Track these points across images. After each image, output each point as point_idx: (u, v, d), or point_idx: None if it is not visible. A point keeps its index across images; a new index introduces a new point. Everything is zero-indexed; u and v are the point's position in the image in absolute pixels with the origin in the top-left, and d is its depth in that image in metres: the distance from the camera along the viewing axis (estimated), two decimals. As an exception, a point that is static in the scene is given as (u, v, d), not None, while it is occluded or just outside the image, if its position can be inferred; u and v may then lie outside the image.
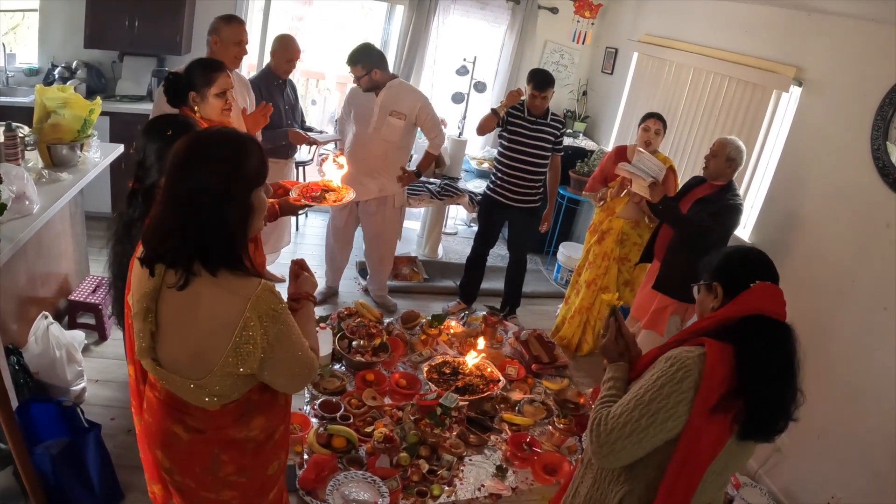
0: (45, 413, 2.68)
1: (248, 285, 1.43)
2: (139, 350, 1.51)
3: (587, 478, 1.83)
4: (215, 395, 1.51)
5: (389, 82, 3.83)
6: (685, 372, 1.53)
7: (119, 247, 2.16)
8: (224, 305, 1.42)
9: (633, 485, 1.66)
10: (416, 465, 2.97)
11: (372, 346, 3.65)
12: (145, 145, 2.07)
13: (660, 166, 3.56)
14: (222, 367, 1.44)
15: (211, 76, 2.58)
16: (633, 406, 1.56)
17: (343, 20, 5.67)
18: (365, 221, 4.18)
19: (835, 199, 3.15)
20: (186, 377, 1.49)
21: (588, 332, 4.31)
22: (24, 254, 3.10)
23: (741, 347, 1.53)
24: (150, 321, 1.48)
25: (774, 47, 3.76)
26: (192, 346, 1.47)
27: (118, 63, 4.92)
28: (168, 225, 1.42)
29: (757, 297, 1.59)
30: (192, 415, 1.57)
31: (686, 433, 1.52)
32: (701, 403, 1.50)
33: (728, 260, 1.72)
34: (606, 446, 1.57)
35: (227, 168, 1.42)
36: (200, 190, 1.39)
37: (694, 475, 1.54)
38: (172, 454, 1.63)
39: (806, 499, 3.07)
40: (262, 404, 1.62)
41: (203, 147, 1.45)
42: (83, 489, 2.55)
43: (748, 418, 1.52)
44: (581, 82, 5.84)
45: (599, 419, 1.62)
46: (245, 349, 1.43)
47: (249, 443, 1.62)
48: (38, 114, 3.26)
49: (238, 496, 1.68)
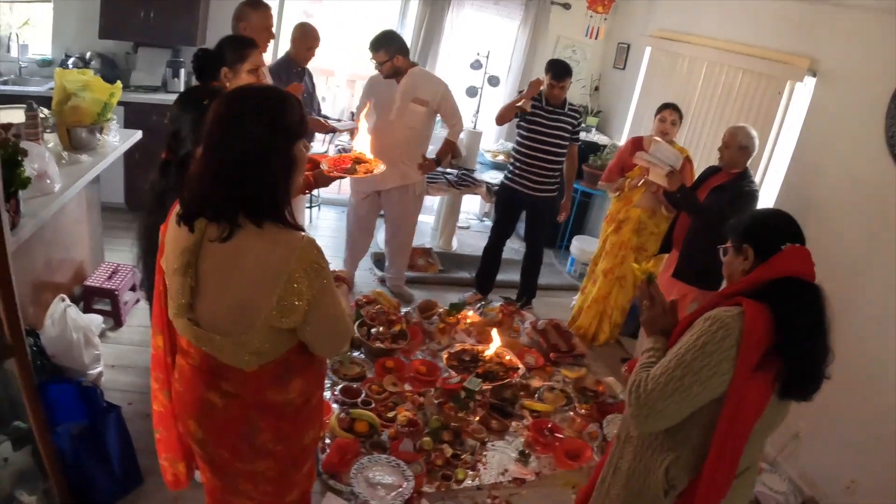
0: (64, 394, 2.62)
1: (292, 237, 1.43)
2: (178, 308, 1.48)
3: (627, 452, 1.80)
4: (255, 352, 1.47)
5: (411, 69, 3.83)
6: (725, 330, 1.53)
7: (151, 219, 2.12)
8: (268, 256, 1.40)
9: (678, 451, 1.65)
10: (439, 450, 2.94)
11: (391, 333, 3.63)
12: (180, 115, 2.06)
13: (677, 155, 3.58)
14: (265, 320, 1.42)
15: (244, 52, 2.58)
16: (674, 366, 1.56)
17: (355, 16, 5.67)
18: (387, 209, 4.16)
19: (850, 187, 3.16)
20: (226, 335, 1.46)
21: (604, 322, 4.29)
22: (41, 237, 3.07)
23: (777, 307, 1.55)
24: (191, 276, 1.46)
25: (788, 39, 3.79)
26: (233, 300, 1.44)
27: (132, 54, 4.91)
28: (211, 178, 1.40)
29: (789, 259, 1.61)
30: (228, 379, 1.53)
31: (731, 391, 1.52)
32: (743, 361, 1.51)
33: (758, 222, 1.74)
34: (647, 407, 1.56)
35: (270, 120, 1.41)
36: (245, 142, 1.38)
37: (742, 434, 1.55)
38: (207, 423, 1.60)
39: (824, 484, 3.07)
40: (301, 366, 1.58)
41: (246, 101, 1.45)
42: (103, 471, 2.51)
43: (788, 376, 1.55)
44: (593, 77, 5.86)
45: (639, 381, 1.61)
46: (290, 301, 1.41)
47: (287, 407, 1.59)
48: (57, 96, 3.24)
49: (273, 467, 1.64)
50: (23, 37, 4.82)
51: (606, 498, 1.85)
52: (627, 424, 1.83)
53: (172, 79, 4.83)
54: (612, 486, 1.83)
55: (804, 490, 3.13)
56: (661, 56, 5.06)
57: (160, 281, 1.76)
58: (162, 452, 1.97)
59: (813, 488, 3.12)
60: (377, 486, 2.70)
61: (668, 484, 1.65)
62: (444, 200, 5.10)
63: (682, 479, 1.63)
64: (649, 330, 1.86)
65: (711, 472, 1.56)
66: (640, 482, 1.73)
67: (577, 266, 5.31)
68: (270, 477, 1.65)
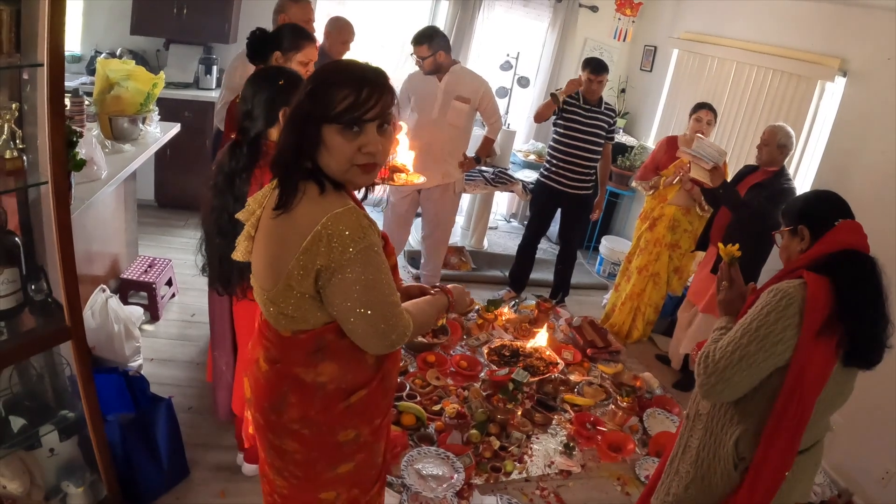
0: (110, 384, 2.58)
1: (335, 202, 1.35)
2: (238, 251, 1.52)
3: (696, 430, 1.82)
4: (284, 314, 1.42)
5: (452, 67, 3.81)
6: (789, 300, 1.59)
7: (219, 200, 2.06)
8: (307, 212, 1.35)
9: (746, 423, 1.68)
10: (487, 442, 2.90)
11: (433, 328, 3.59)
12: (254, 94, 2.01)
13: (720, 151, 3.59)
14: (287, 278, 1.37)
15: (301, 42, 2.57)
16: (741, 335, 1.62)
17: (383, 17, 5.67)
18: (427, 207, 4.11)
19: (881, 185, 3.16)
20: (262, 287, 1.45)
21: (638, 319, 4.25)
22: (81, 228, 3.04)
23: (836, 278, 1.61)
24: (253, 224, 1.48)
25: (817, 40, 3.82)
26: (269, 252, 1.42)
27: (163, 51, 4.91)
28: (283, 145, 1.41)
29: (843, 233, 1.69)
30: (271, 340, 1.51)
31: (796, 358, 1.57)
32: (807, 328, 1.56)
33: (810, 203, 1.82)
34: (715, 375, 1.62)
35: (314, 88, 1.37)
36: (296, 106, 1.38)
37: (805, 402, 1.58)
38: (253, 383, 1.58)
39: (860, 476, 3.06)
40: (337, 351, 1.47)
41: (332, 66, 1.43)
42: (151, 463, 2.47)
43: (851, 344, 1.59)
44: (620, 79, 5.86)
45: (708, 353, 1.67)
46: (306, 262, 1.33)
47: (318, 390, 1.48)
48: (99, 85, 3.23)
49: (300, 450, 1.53)
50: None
51: (676, 476, 1.84)
52: (696, 402, 1.86)
53: (205, 76, 4.82)
54: (681, 463, 1.84)
55: (839, 482, 3.12)
56: (689, 58, 5.08)
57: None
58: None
59: (848, 480, 3.11)
60: (428, 478, 2.66)
61: (738, 457, 1.68)
62: (475, 200, 5.09)
63: (751, 451, 1.65)
64: (724, 310, 1.90)
65: (770, 440, 1.60)
66: (710, 457, 1.75)
67: (606, 266, 5.30)
68: (297, 460, 1.55)
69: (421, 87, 3.86)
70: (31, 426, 2.16)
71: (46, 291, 2.08)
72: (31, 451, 2.20)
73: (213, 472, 2.64)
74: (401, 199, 4.08)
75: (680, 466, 1.84)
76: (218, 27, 4.74)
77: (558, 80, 5.59)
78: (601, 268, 5.35)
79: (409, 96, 3.93)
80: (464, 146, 4.01)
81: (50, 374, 2.30)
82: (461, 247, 4.92)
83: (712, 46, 4.77)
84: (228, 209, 1.98)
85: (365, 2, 5.35)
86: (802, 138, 3.89)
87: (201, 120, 4.52)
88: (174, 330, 3.54)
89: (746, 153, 4.33)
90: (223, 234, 2.02)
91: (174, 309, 3.74)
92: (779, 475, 1.61)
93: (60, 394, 2.32)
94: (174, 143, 3.98)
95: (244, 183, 1.98)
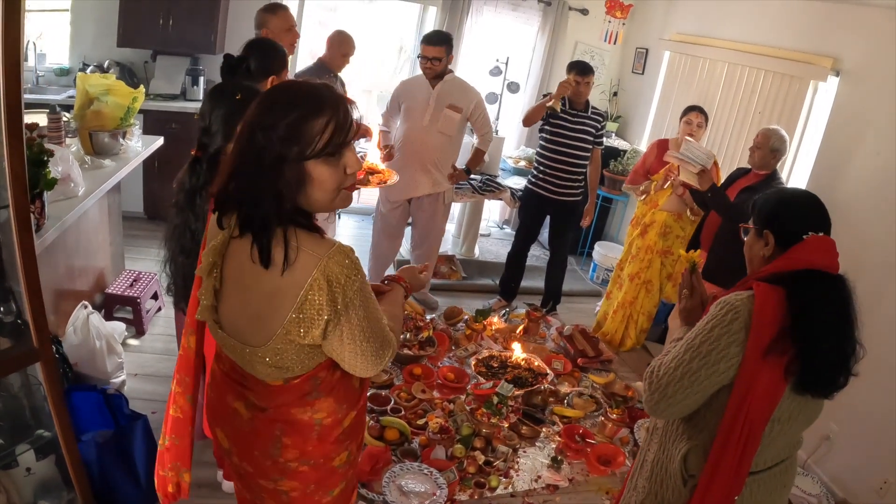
0: (88, 402, 2.58)
1: (320, 245, 1.28)
2: (202, 309, 1.40)
3: (653, 444, 1.76)
4: (276, 366, 1.35)
5: (447, 75, 3.80)
6: (734, 313, 1.49)
7: (180, 217, 2.05)
8: (290, 263, 1.26)
9: (697, 439, 1.61)
10: (471, 457, 2.86)
11: (419, 340, 3.56)
12: (212, 110, 1.99)
13: (709, 154, 3.54)
14: (284, 333, 1.29)
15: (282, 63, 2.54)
16: (684, 350, 1.53)
17: (371, 26, 5.65)
18: (417, 217, 4.09)
19: (876, 184, 3.11)
20: (246, 343, 1.35)
21: (631, 328, 4.20)
22: (63, 243, 3.03)
23: (793, 294, 1.49)
24: (215, 277, 1.37)
25: (810, 39, 3.78)
26: (253, 308, 1.32)
27: (151, 63, 4.90)
28: (233, 175, 1.29)
29: (810, 251, 1.54)
30: (254, 390, 1.43)
31: (740, 376, 1.47)
32: (753, 345, 1.45)
33: (781, 208, 1.64)
34: (658, 393, 1.53)
35: (291, 128, 1.25)
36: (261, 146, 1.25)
37: (753, 424, 1.47)
38: (233, 433, 1.50)
39: (857, 485, 3.02)
40: (331, 385, 1.44)
41: (278, 95, 1.30)
42: (129, 480, 2.45)
43: (803, 370, 1.47)
44: (612, 83, 5.81)
45: (654, 368, 1.58)
46: (308, 315, 1.27)
47: (314, 427, 1.45)
48: (79, 100, 3.21)
49: (298, 487, 1.50)
50: (40, 46, 4.82)
51: (634, 491, 1.80)
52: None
53: (192, 87, 4.81)
54: (639, 478, 1.79)
55: (837, 492, 3.07)
56: (681, 59, 5.04)
57: (199, 277, 1.69)
58: (167, 463, 1.85)
59: (845, 490, 3.06)
60: (410, 495, 2.62)
61: (686, 473, 1.61)
62: (465, 208, 5.05)
63: (701, 466, 1.58)
64: (685, 320, 1.81)
65: (716, 460, 1.51)
66: (662, 472, 1.69)
67: (599, 272, 5.26)
68: (294, 497, 1.51)
69: (413, 93, 3.83)
70: (7, 445, 2.15)
71: (16, 313, 2.06)
72: (7, 471, 2.18)
73: (192, 490, 2.58)
74: (391, 210, 4.04)
75: (638, 482, 1.78)
76: (204, 38, 4.72)
77: (549, 84, 5.55)
78: (595, 274, 5.31)
79: (400, 103, 3.90)
80: (453, 156, 3.98)
81: (25, 393, 2.28)
82: (451, 255, 4.89)
83: (704, 48, 4.74)
84: (190, 227, 1.97)
85: (354, 7, 5.33)
86: (796, 139, 3.85)
87: (189, 131, 4.49)
88: (159, 344, 3.51)
89: (739, 156, 4.28)
90: (186, 253, 2.00)
91: (160, 323, 3.71)
92: (727, 497, 1.52)
93: (36, 413, 2.30)
94: (162, 155, 3.96)
95: (205, 200, 1.95)
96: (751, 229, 1.69)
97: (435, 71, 3.73)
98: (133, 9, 4.56)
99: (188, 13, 4.65)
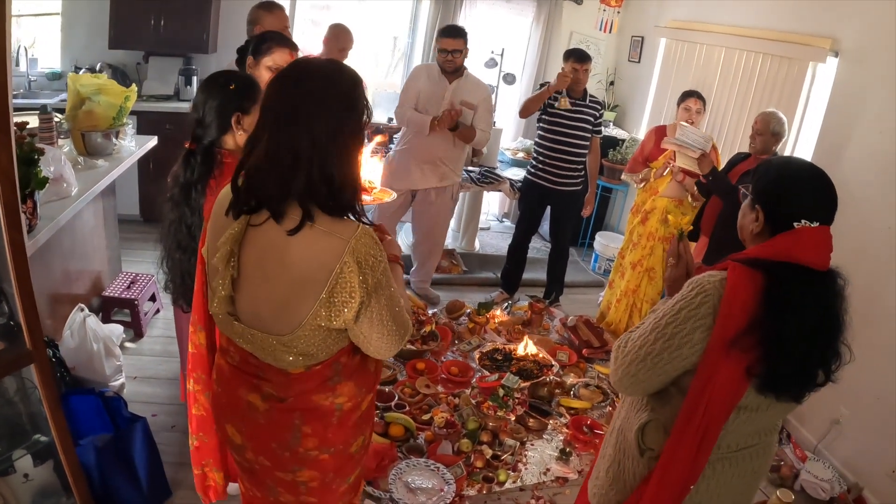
0: (86, 406, 2.54)
1: (347, 227, 1.28)
2: (218, 301, 1.35)
3: (622, 411, 1.69)
4: (301, 353, 1.34)
5: (465, 71, 3.78)
6: (704, 297, 1.38)
7: (176, 212, 2.01)
8: (319, 246, 1.26)
9: (658, 413, 1.53)
10: (478, 451, 2.82)
11: (422, 335, 3.51)
12: (205, 101, 1.95)
13: (706, 137, 3.51)
14: (312, 318, 1.28)
15: (270, 46, 2.47)
16: (650, 329, 1.45)
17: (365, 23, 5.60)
18: (421, 210, 4.04)
19: (879, 165, 3.07)
20: (269, 332, 1.33)
21: (635, 316, 4.15)
22: (58, 245, 2.99)
23: (771, 280, 1.36)
24: (233, 266, 1.32)
25: (807, 20, 3.72)
26: (278, 296, 1.30)
27: (143, 64, 4.85)
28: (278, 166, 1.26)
29: (795, 243, 1.38)
30: (271, 380, 1.40)
31: (703, 363, 1.38)
32: (717, 334, 1.35)
33: (777, 185, 1.47)
34: (622, 369, 1.48)
35: (346, 97, 1.30)
36: (321, 123, 1.25)
37: (713, 413, 1.38)
38: (246, 428, 1.46)
39: (868, 469, 2.97)
40: (352, 369, 1.45)
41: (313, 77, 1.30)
42: (129, 484, 2.40)
43: (765, 372, 1.35)
44: (609, 72, 5.77)
45: (622, 342, 1.52)
46: (340, 298, 1.27)
47: (335, 412, 1.44)
48: (71, 101, 3.16)
49: (317, 477, 1.49)
50: (31, 51, 4.77)
51: (602, 459, 1.73)
52: None
53: (185, 87, 4.77)
54: (607, 445, 1.72)
55: (848, 477, 3.03)
56: (677, 46, 4.99)
57: (202, 272, 1.65)
58: (199, 461, 1.86)
59: (857, 474, 3.02)
60: (417, 492, 2.57)
61: (643, 444, 1.54)
62: (465, 200, 5.01)
63: (659, 442, 1.50)
64: (669, 288, 1.71)
65: (675, 443, 1.43)
66: (625, 441, 1.62)
67: (601, 262, 5.22)
68: (313, 488, 1.51)
69: (429, 86, 3.78)
70: (4, 451, 2.11)
71: (8, 314, 2.02)
72: (4, 478, 2.13)
73: (195, 492, 2.55)
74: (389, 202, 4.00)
75: (606, 449, 1.72)
76: (197, 38, 4.68)
77: (545, 75, 5.51)
78: (596, 265, 5.27)
79: (416, 95, 3.80)
80: (463, 153, 3.94)
81: (21, 397, 2.24)
82: (451, 249, 4.85)
83: (700, 33, 4.69)
84: (186, 221, 1.93)
85: (347, 6, 5.29)
86: (796, 122, 3.80)
87: (183, 132, 4.38)
88: (158, 346, 3.47)
89: (739, 140, 4.24)
90: (182, 249, 1.96)
91: (158, 325, 3.67)
92: (686, 481, 1.44)
93: (33, 417, 2.26)
94: (157, 157, 3.91)
95: (200, 194, 1.91)
96: (748, 195, 1.56)
97: (455, 64, 3.69)
98: (124, 10, 4.51)
99: (179, 13, 4.60)
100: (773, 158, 1.63)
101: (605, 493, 1.67)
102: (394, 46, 5.96)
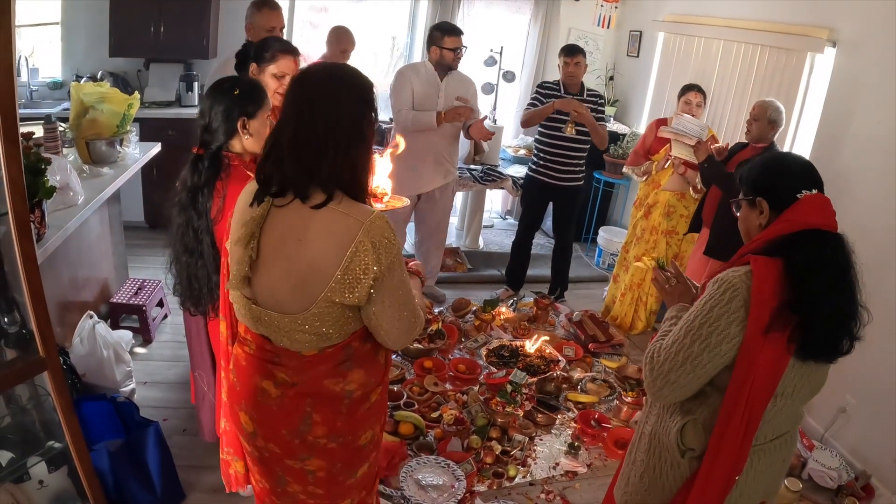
0: (99, 411, 2.55)
1: (362, 210, 1.37)
2: (233, 279, 1.42)
3: (651, 417, 1.71)
4: (314, 332, 1.39)
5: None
6: (733, 292, 1.44)
7: (183, 216, 2.03)
8: (336, 227, 1.34)
9: (696, 413, 1.56)
10: (488, 448, 2.84)
11: (429, 333, 3.53)
12: (211, 107, 1.97)
13: (702, 126, 3.54)
14: (327, 295, 1.34)
15: (274, 53, 2.49)
16: (684, 333, 1.48)
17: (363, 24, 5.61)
18: (426, 209, 4.05)
19: (878, 155, 3.07)
20: (284, 312, 1.39)
21: (640, 310, 4.17)
22: (66, 254, 3.01)
23: (789, 259, 1.43)
24: (253, 248, 1.39)
25: (804, 11, 3.72)
26: (295, 274, 1.37)
27: (144, 71, 4.87)
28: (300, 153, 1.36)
29: (805, 210, 1.48)
30: (285, 365, 1.45)
31: (742, 355, 1.42)
32: (753, 322, 1.41)
33: (770, 171, 1.57)
34: (661, 378, 1.49)
35: (360, 94, 1.41)
36: (340, 115, 1.37)
37: (754, 403, 1.43)
38: (258, 414, 1.51)
39: (875, 457, 2.98)
40: (363, 356, 1.49)
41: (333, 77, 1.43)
42: (143, 488, 2.42)
43: (805, 336, 1.42)
44: (608, 67, 5.78)
45: (653, 352, 1.53)
46: (355, 274, 1.33)
47: (344, 399, 1.49)
48: (75, 110, 3.18)
49: (324, 467, 1.53)
50: (31, 60, 4.80)
51: (633, 465, 1.75)
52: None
53: (186, 93, 4.79)
54: (637, 451, 1.75)
55: (856, 465, 3.04)
56: (675, 40, 4.99)
57: (226, 264, 1.69)
58: (226, 446, 1.90)
59: (865, 462, 3.03)
60: (428, 489, 2.59)
61: (683, 445, 1.57)
62: (468, 199, 5.03)
63: (700, 441, 1.54)
64: (679, 300, 1.77)
65: (720, 437, 1.47)
66: (660, 445, 1.65)
67: (605, 257, 5.23)
68: (320, 478, 1.54)
69: (423, 85, 3.79)
70: (19, 458, 2.12)
71: (20, 322, 2.04)
72: (19, 485, 2.15)
73: (209, 495, 2.58)
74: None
75: (636, 455, 1.75)
76: (196, 43, 4.70)
77: (544, 72, 5.53)
78: (600, 259, 5.28)
79: (410, 94, 3.79)
80: (458, 147, 3.98)
81: (34, 405, 2.26)
82: (456, 248, 4.87)
83: (698, 27, 4.69)
84: (193, 225, 1.95)
85: (345, 7, 5.30)
86: (795, 112, 3.80)
87: (185, 138, 4.43)
88: (167, 351, 3.49)
89: (740, 132, 4.24)
90: (189, 252, 1.98)
91: (167, 330, 3.69)
92: (731, 473, 1.49)
93: (46, 424, 2.28)
94: (161, 163, 3.93)
95: (207, 198, 1.93)
96: (742, 202, 1.61)
97: (459, 61, 3.76)
98: (123, 18, 4.53)
99: (179, 19, 4.62)
100: (750, 162, 1.68)
101: (641, 500, 1.69)
102: (392, 46, 5.97)
